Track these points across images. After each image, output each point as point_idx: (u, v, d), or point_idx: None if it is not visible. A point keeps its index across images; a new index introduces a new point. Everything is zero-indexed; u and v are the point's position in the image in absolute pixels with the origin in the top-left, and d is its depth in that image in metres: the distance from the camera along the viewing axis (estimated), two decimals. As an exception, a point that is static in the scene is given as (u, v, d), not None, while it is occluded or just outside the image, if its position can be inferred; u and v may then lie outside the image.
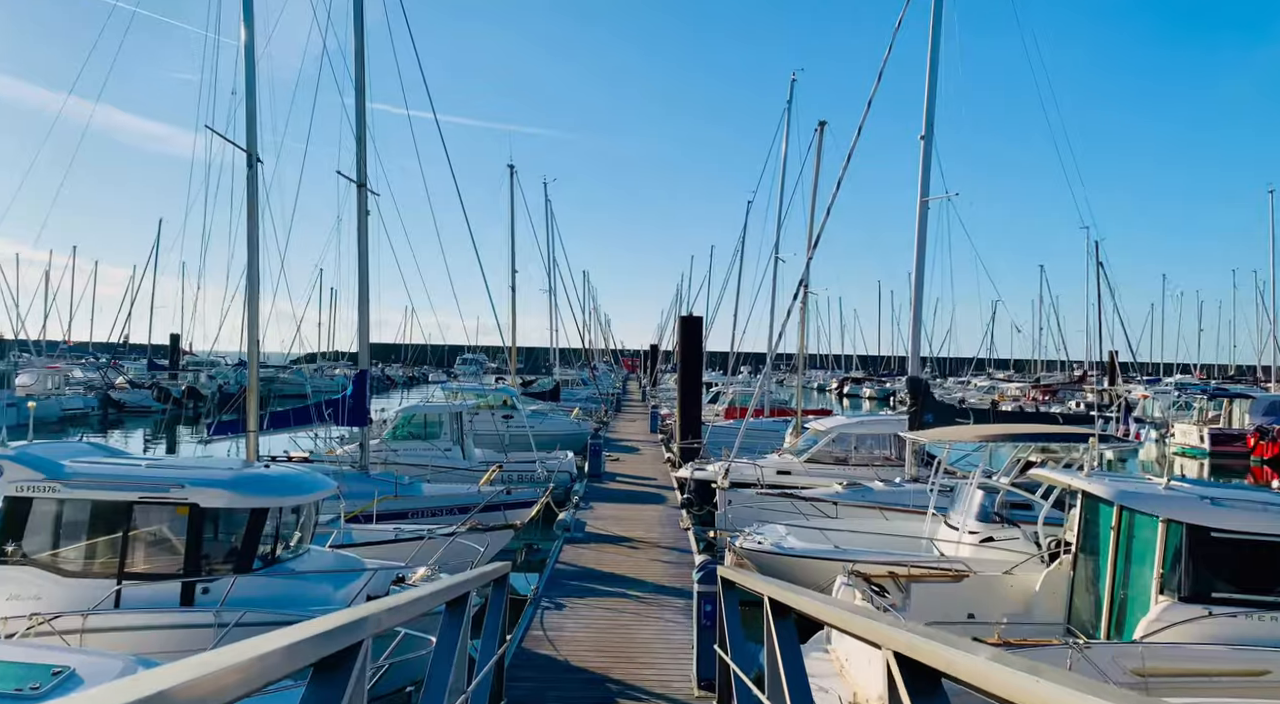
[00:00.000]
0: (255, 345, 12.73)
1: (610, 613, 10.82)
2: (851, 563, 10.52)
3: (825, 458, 18.94)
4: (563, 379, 53.02)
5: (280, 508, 9.02)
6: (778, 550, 11.89)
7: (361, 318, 16.53)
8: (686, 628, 10.10)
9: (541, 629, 10.08)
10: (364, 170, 16.22)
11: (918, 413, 15.90)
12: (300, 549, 9.64)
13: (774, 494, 15.59)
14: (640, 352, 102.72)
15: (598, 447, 24.50)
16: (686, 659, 8.99)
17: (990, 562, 11.13)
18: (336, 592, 8.97)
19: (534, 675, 8.58)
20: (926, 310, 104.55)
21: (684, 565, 13.42)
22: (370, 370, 17.67)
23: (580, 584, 12.22)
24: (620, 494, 20.52)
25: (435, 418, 22.81)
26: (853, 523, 13.33)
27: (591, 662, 9.02)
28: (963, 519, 12.09)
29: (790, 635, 4.06)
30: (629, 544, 14.99)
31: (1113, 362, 61.41)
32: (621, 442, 32.57)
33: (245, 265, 12.61)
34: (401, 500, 15.61)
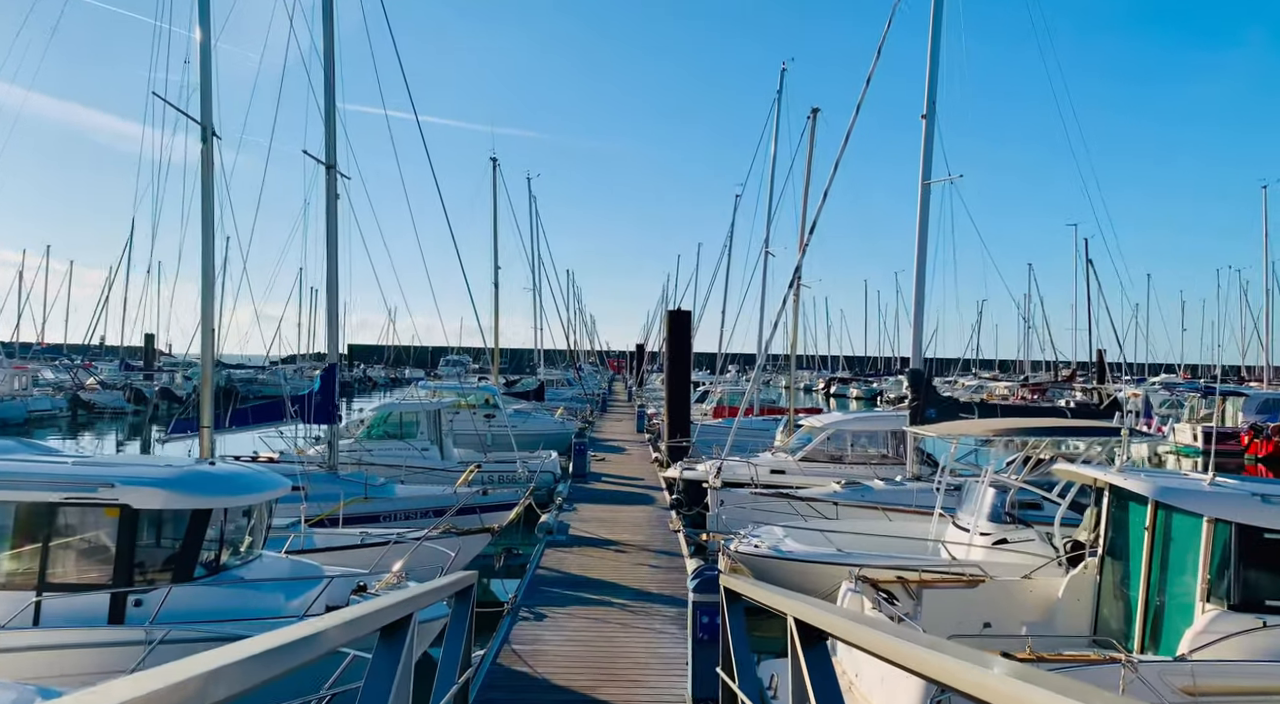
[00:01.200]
0: (210, 335, 11.75)
1: (595, 623, 9.90)
2: (858, 567, 9.66)
3: (820, 456, 18.10)
4: (547, 379, 52.01)
5: (225, 509, 8.06)
6: (776, 554, 11.01)
7: (330, 308, 15.56)
8: (679, 640, 9.19)
9: (519, 642, 9.15)
10: (333, 151, 15.25)
11: (919, 407, 15.07)
12: (251, 555, 8.68)
13: (769, 494, 14.73)
14: (626, 353, 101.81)
15: (583, 446, 23.58)
16: (680, 675, 8.08)
17: (1007, 565, 10.30)
18: (289, 602, 8.02)
19: (509, 698, 7.66)
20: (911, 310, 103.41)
21: (674, 570, 12.52)
22: (340, 367, 16.70)
23: (563, 591, 11.29)
24: (606, 495, 19.60)
25: (412, 417, 21.82)
26: (854, 524, 12.47)
27: (574, 679, 8.10)
28: (973, 520, 11.25)
29: (825, 667, 3.18)
30: (615, 547, 14.08)
31: (1101, 360, 61.04)
32: (607, 441, 31.65)
33: (201, 249, 11.62)
34: (372, 503, 14.64)
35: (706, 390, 39.59)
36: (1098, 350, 61.71)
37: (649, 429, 34.17)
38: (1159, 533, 8.23)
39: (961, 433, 11.38)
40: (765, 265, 30.70)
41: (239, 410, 15.38)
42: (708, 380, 46.30)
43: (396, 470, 17.80)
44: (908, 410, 15.50)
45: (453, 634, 4.79)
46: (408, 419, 21.91)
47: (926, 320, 14.64)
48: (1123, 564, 8.86)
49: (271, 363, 59.74)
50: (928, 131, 15.16)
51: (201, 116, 10.95)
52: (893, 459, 17.92)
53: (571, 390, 49.93)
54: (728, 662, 5.13)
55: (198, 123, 10.88)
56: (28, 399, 45.01)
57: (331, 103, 14.87)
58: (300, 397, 15.47)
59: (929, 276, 15.90)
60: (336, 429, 16.00)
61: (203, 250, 11.48)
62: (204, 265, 11.59)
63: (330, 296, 15.57)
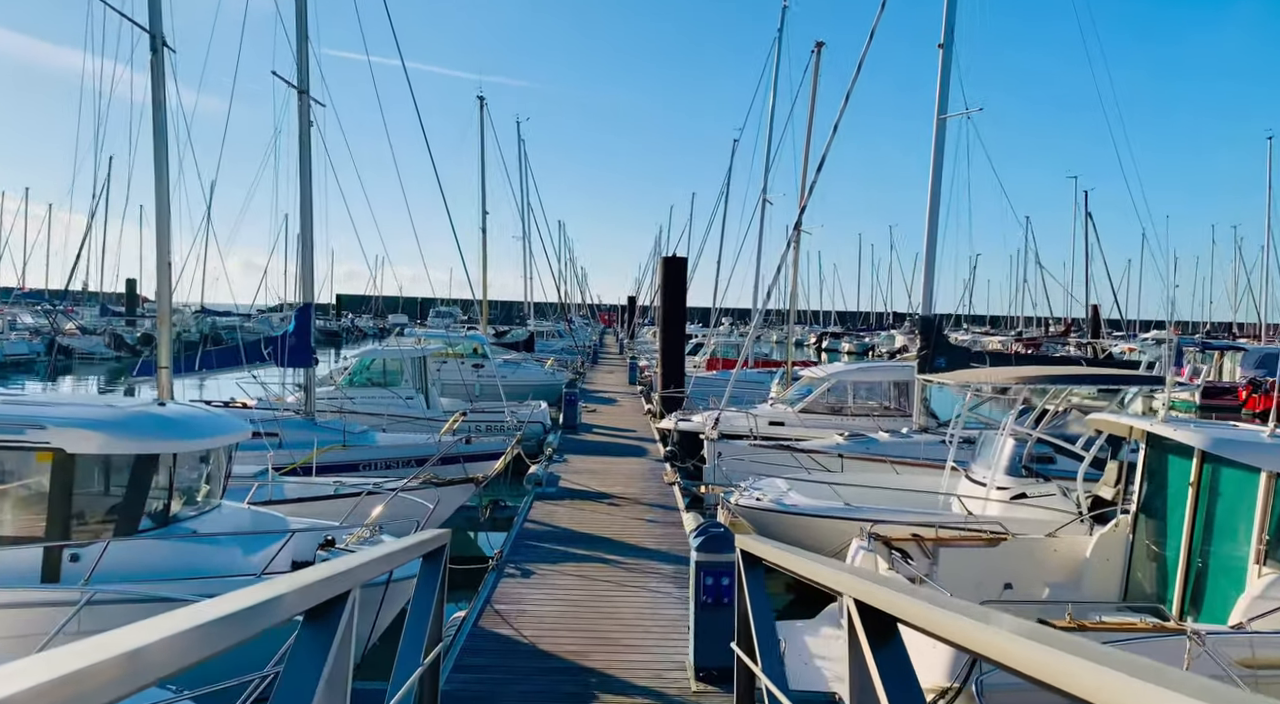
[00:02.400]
0: (166, 269, 10.79)
1: (586, 581, 9.18)
2: (870, 523, 8.94)
3: (820, 408, 17.36)
4: (537, 331, 51.11)
5: (174, 454, 7.22)
6: (780, 508, 10.29)
7: (305, 243, 14.57)
8: (678, 601, 8.49)
9: (504, 601, 8.42)
10: (306, 75, 14.13)
11: (929, 356, 14.29)
12: (207, 505, 7.87)
13: (769, 446, 13.99)
14: (617, 307, 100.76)
15: (573, 397, 22.81)
16: (680, 640, 7.38)
17: (1028, 522, 9.61)
18: (248, 557, 7.23)
19: (491, 663, 6.93)
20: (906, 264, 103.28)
21: (671, 524, 11.81)
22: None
23: (552, 547, 10.57)
24: (598, 446, 18.88)
25: (396, 364, 20.95)
26: (860, 477, 11.75)
27: (563, 643, 7.38)
28: (990, 473, 10.54)
29: (904, 669, 2.38)
30: (608, 500, 13.36)
31: (1095, 316, 60.47)
32: (599, 393, 30.92)
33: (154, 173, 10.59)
34: (350, 451, 13.84)
35: (699, 343, 38.80)
36: (1092, 306, 61.13)
37: (641, 381, 33.46)
38: (1205, 488, 7.51)
39: (983, 380, 10.61)
40: (763, 214, 29.69)
41: (207, 353, 14.47)
42: (700, 333, 45.51)
43: (379, 419, 17.01)
44: (916, 359, 14.72)
45: (419, 603, 4.00)
46: (391, 367, 21.08)
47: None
48: (1160, 522, 8.16)
49: (259, 311, 58.50)
50: (945, 61, 14.12)
51: (150, 23, 9.85)
52: (895, 411, 17.21)
53: (562, 342, 49.05)
54: (745, 636, 4.37)
55: (145, 30, 9.79)
56: (3, 343, 43.94)
57: (303, 19, 13.71)
58: (274, 339, 14.56)
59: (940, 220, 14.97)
60: (313, 373, 15.12)
61: (155, 174, 10.46)
62: (157, 192, 10.59)
63: (304, 232, 14.57)
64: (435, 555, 4.18)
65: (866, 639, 2.45)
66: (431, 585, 4.10)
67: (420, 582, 4.10)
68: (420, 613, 3.95)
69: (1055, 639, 1.54)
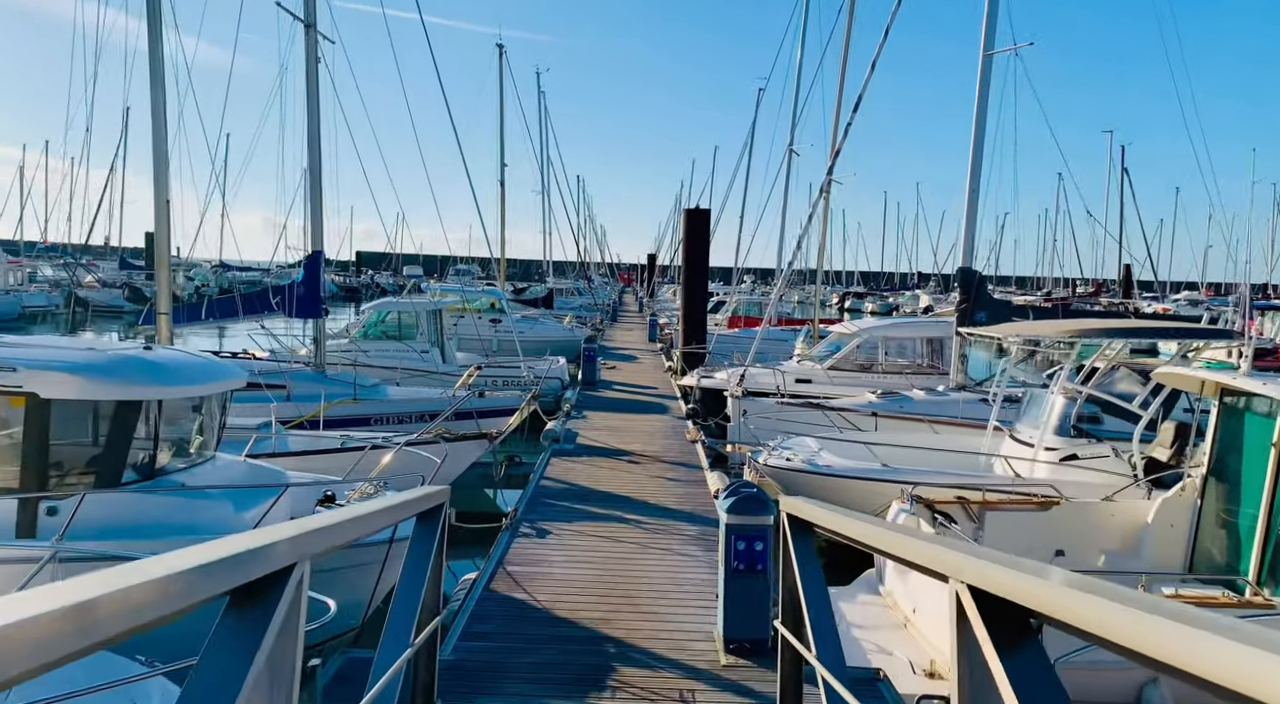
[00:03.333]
0: (164, 207, 10.17)
1: (605, 542, 8.61)
2: (911, 485, 8.30)
3: (849, 365, 16.64)
4: (556, 288, 50.41)
5: (160, 401, 6.66)
6: (813, 469, 9.65)
7: (313, 185, 13.91)
8: (704, 565, 7.91)
9: (518, 563, 7.87)
10: (312, 6, 13.36)
11: (968, 310, 13.50)
12: (199, 458, 7.33)
13: (797, 404, 13.33)
14: (637, 265, 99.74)
15: (592, 352, 22.20)
16: (706, 607, 6.80)
17: (1080, 485, 8.92)
18: (240, 513, 6.70)
19: (501, 630, 6.38)
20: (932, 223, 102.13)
21: (693, 483, 11.22)
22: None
23: (569, 505, 10.01)
24: (617, 403, 18.28)
25: (411, 317, 20.41)
26: (896, 437, 11.07)
27: (580, 609, 6.82)
28: (1039, 433, 9.84)
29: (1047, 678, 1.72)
30: (628, 458, 12.78)
31: (1128, 275, 58.90)
32: (618, 350, 30.31)
33: (151, 109, 9.94)
34: (361, 404, 13.33)
35: (721, 300, 38.03)
36: (1125, 265, 59.50)
37: (661, 338, 32.83)
38: (1291, 452, 6.78)
39: (1036, 334, 9.85)
40: (789, 166, 28.73)
41: (214, 301, 13.93)
42: (722, 291, 44.68)
43: (392, 372, 16.50)
44: (954, 313, 13.94)
45: (410, 571, 3.39)
46: (406, 320, 20.54)
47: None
48: (1234, 486, 7.45)
49: (279, 266, 58.20)
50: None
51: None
52: (929, 369, 16.47)
53: (581, 299, 48.36)
54: (793, 612, 3.74)
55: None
56: (22, 294, 43.91)
57: (308, -53, 12.89)
58: (283, 288, 13.99)
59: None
60: (323, 324, 14.57)
61: (152, 110, 9.81)
62: (155, 128, 9.94)
63: (312, 174, 13.90)
64: (431, 515, 3.57)
65: (991, 640, 1.79)
66: (426, 550, 3.49)
67: (413, 546, 3.49)
68: (412, 583, 3.34)
69: None
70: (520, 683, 5.56)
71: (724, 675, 5.77)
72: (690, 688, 5.58)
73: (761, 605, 6.08)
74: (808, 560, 3.61)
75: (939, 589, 2.04)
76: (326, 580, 5.76)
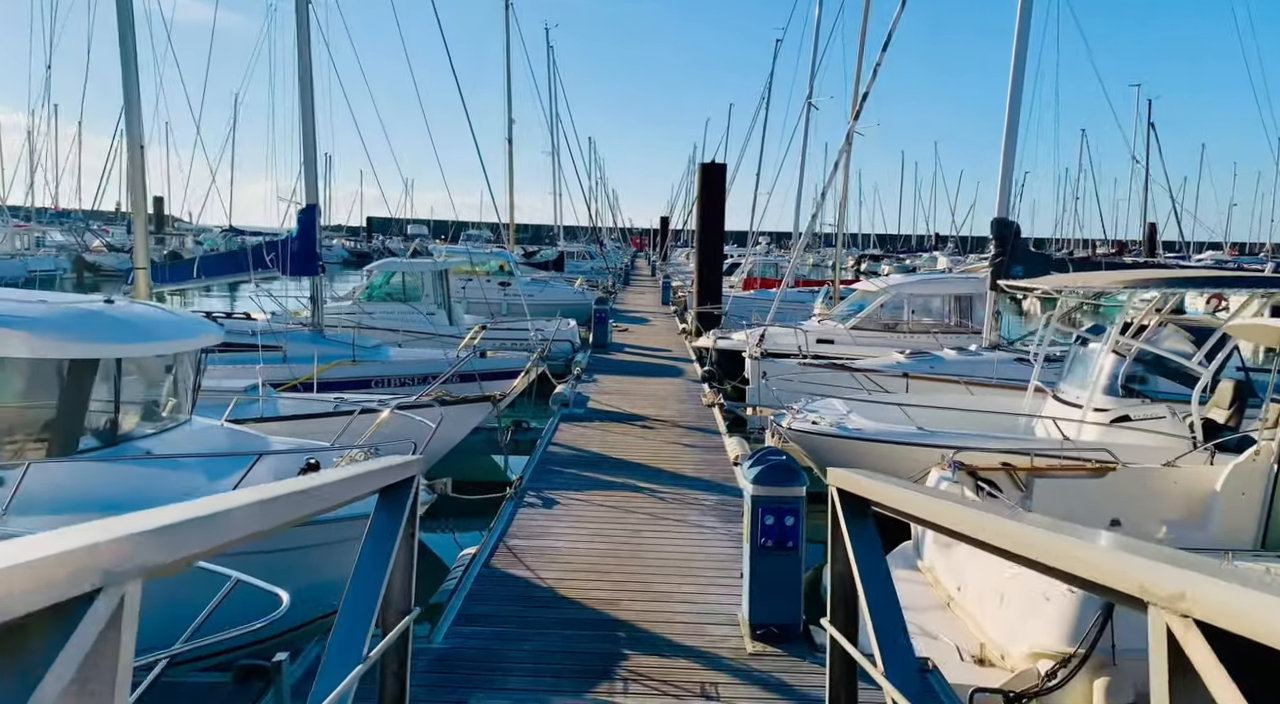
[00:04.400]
0: (139, 152, 9.43)
1: (616, 514, 7.94)
2: (952, 450, 7.56)
3: (873, 324, 15.84)
4: (567, 251, 49.51)
5: (118, 359, 5.98)
6: (843, 433, 8.92)
7: (306, 136, 13.12)
8: (726, 538, 7.23)
9: (522, 536, 7.21)
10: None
11: (1003, 263, 12.67)
12: (170, 422, 6.68)
13: (821, 365, 12.57)
14: (649, 230, 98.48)
15: (603, 314, 21.48)
16: (729, 588, 6.13)
17: (1134, 449, 8.16)
18: (212, 482, 6.05)
19: (500, 613, 5.72)
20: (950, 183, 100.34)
21: (711, 449, 10.53)
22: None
23: (578, 473, 9.35)
24: (630, 366, 17.59)
25: (416, 279, 19.74)
26: (929, 399, 10.32)
27: (588, 589, 6.15)
28: (1087, 393, 9.06)
29: None
30: (641, 423, 12.09)
31: (1152, 234, 57.38)
32: (630, 313, 29.57)
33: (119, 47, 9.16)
34: (360, 366, 12.68)
35: (735, 262, 37.12)
36: (1149, 224, 57.93)
37: (675, 301, 32.06)
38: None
39: (1085, 286, 9.04)
40: (808, 119, 27.67)
41: (205, 259, 13.26)
42: (737, 252, 43.71)
43: (394, 334, 15.84)
44: (988, 268, 13.09)
45: (369, 561, 2.69)
46: (411, 281, 19.86)
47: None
48: (1317, 452, 6.69)
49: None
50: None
51: None
52: (957, 328, 15.66)
53: (592, 263, 47.50)
54: (846, 608, 3.04)
55: None
56: (29, 258, 43.46)
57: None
58: (276, 244, 13.28)
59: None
60: (320, 282, 13.87)
61: (121, 48, 9.03)
62: (125, 71, 9.17)
63: (305, 123, 13.11)
64: (397, 491, 2.86)
65: (1210, 671, 1.06)
66: (389, 534, 2.79)
67: (373, 530, 2.79)
68: (368, 577, 2.64)
69: None
70: (521, 675, 4.91)
71: (750, 665, 5.11)
72: (713, 680, 4.92)
73: (792, 587, 5.40)
74: (867, 547, 2.88)
75: (985, 565, 1.36)
76: (294, 559, 5.12)
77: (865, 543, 2.92)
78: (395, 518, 2.89)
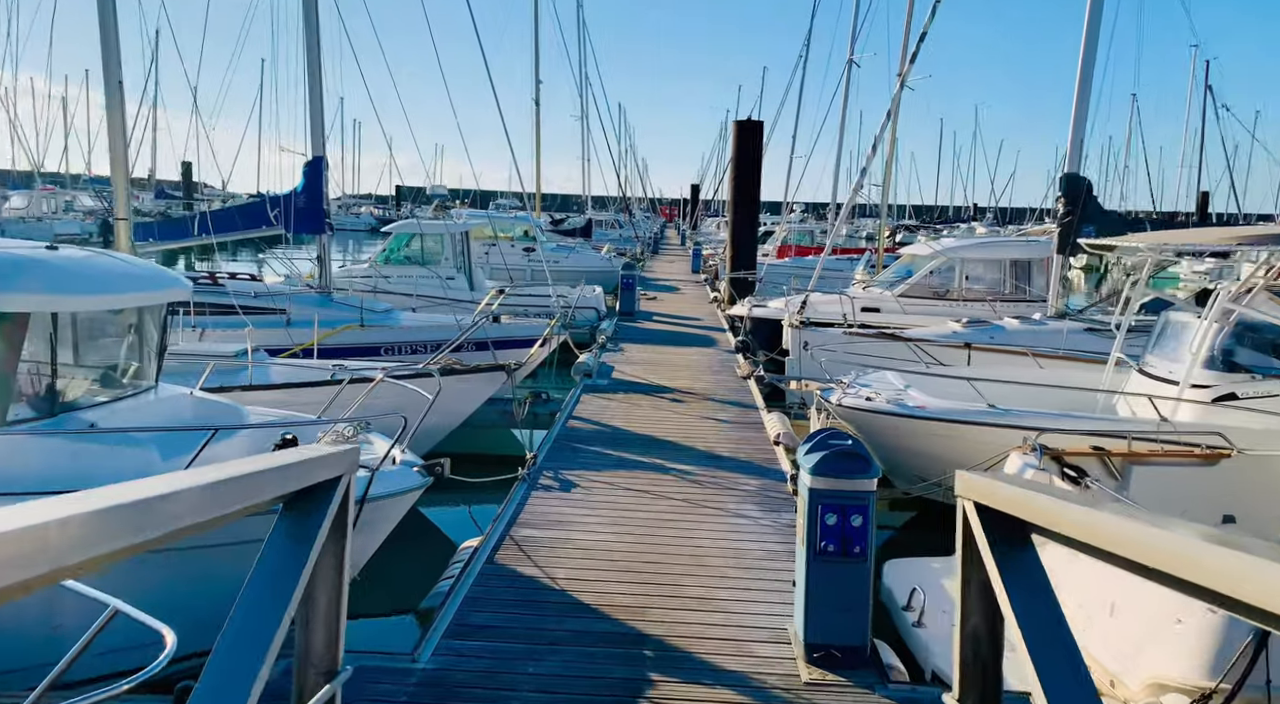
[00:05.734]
0: (117, 88, 8.46)
1: (642, 499, 6.96)
2: (1034, 432, 6.48)
3: (922, 291, 14.65)
4: (596, 220, 48.36)
5: (53, 314, 5.06)
6: (904, 411, 7.83)
7: (312, 81, 12.13)
8: (769, 530, 6.24)
9: (532, 526, 6.25)
10: None
11: (1072, 224, 11.43)
12: (129, 389, 5.77)
13: (869, 335, 11.45)
14: (679, 200, 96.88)
15: (630, 281, 20.43)
16: (776, 595, 5.14)
17: (1243, 432, 7.00)
18: (170, 460, 5.12)
19: (502, 625, 4.77)
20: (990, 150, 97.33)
21: (748, 426, 9.51)
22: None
23: (600, 450, 8.37)
24: (658, 335, 16.57)
25: (435, 242, 18.82)
26: (993, 372, 9.18)
27: (609, 594, 5.19)
28: (1183, 367, 7.90)
29: None
30: (670, 395, 11.09)
31: (1204, 205, 54.94)
32: (659, 281, 28.50)
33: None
34: (368, 332, 11.78)
35: (768, 230, 35.80)
36: (1201, 193, 55.43)
37: (705, 269, 30.90)
38: None
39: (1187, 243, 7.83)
40: (848, 78, 26.18)
41: (205, 215, 12.38)
42: (769, 221, 42.31)
43: (409, 299, 14.94)
44: (1057, 227, 11.85)
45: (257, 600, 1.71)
46: (430, 244, 18.94)
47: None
48: None
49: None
50: None
51: None
52: (1014, 296, 14.42)
53: (621, 231, 46.31)
54: (984, 677, 2.01)
55: None
56: (56, 222, 43.26)
57: None
58: (280, 199, 12.35)
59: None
60: (326, 240, 12.95)
61: None
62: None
63: (311, 68, 12.11)
64: (306, 501, 1.87)
65: None
66: (292, 564, 1.81)
67: (265, 559, 1.81)
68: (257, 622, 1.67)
69: None
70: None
71: (806, 697, 4.12)
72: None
73: (858, 601, 4.39)
74: (1030, 593, 1.86)
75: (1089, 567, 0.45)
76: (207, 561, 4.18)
77: (1026, 585, 1.89)
78: (305, 540, 1.90)
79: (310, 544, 1.91)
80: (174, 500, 1.29)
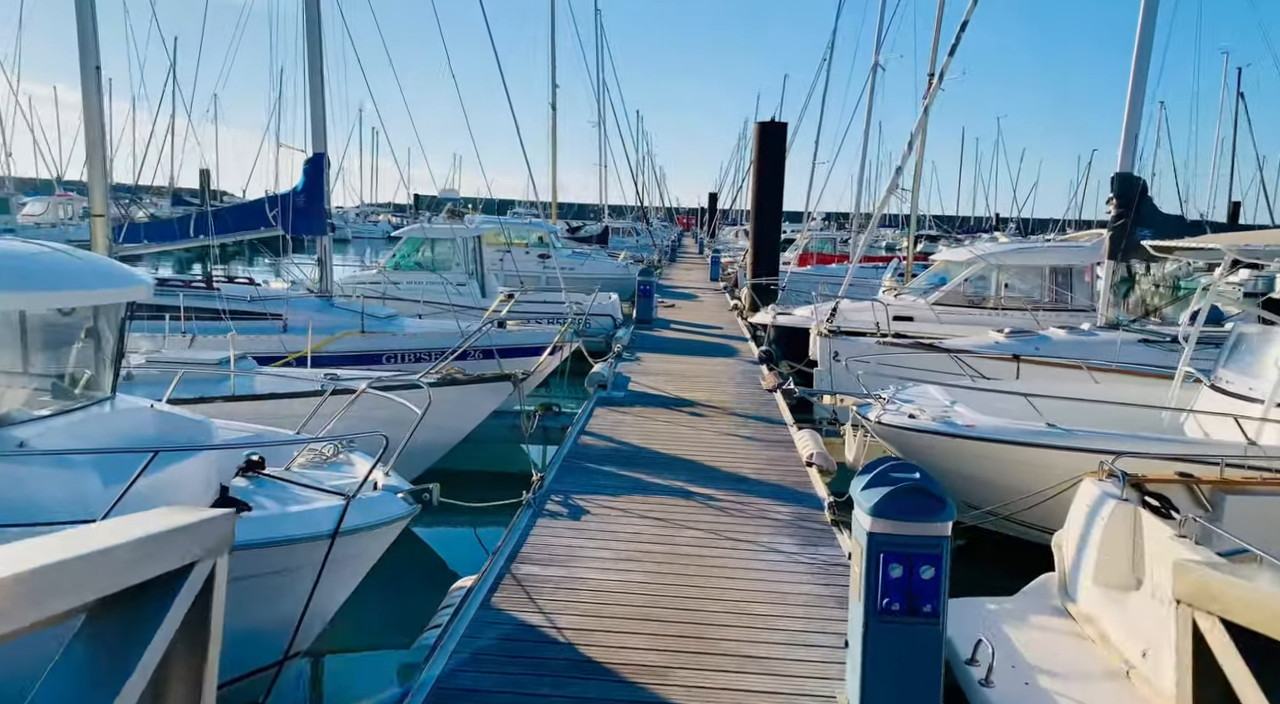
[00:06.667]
0: (94, 73, 7.82)
1: (660, 528, 6.17)
2: (1111, 456, 5.65)
3: (958, 299, 13.81)
4: (613, 227, 47.72)
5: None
6: (952, 430, 7.01)
7: (313, 74, 11.48)
8: (808, 568, 5.43)
9: (535, 562, 5.47)
10: None
11: (1124, 226, 10.59)
12: (78, 401, 5.05)
13: (905, 345, 10.64)
14: (697, 209, 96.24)
15: (648, 288, 19.68)
16: (822, 651, 4.34)
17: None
18: (112, 486, 4.37)
19: (500, 687, 3.99)
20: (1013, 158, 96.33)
21: (777, 444, 8.71)
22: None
23: (613, 471, 7.59)
24: (677, 344, 15.79)
25: (447, 247, 18.26)
26: (1046, 388, 8.34)
27: (624, 648, 4.40)
28: (1268, 384, 7.04)
29: None
30: (690, 409, 10.30)
31: (1235, 214, 53.64)
32: (678, 289, 27.73)
33: None
34: (369, 339, 11.08)
35: (789, 238, 35.04)
36: (1233, 203, 54.14)
37: (724, 277, 30.14)
38: None
39: (1261, 242, 7.01)
40: (874, 82, 25.38)
41: (201, 215, 11.74)
42: (790, 229, 41.48)
43: (415, 305, 14.27)
44: (1108, 230, 11.00)
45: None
46: (441, 249, 18.37)
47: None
48: None
49: (337, 208, 56.61)
50: None
51: None
52: (1054, 305, 13.56)
53: (638, 239, 45.65)
54: None
55: None
56: (71, 228, 43.13)
57: None
58: (278, 198, 11.69)
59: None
60: (327, 242, 12.28)
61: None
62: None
63: (312, 60, 11.46)
64: (139, 602, 1.13)
65: None
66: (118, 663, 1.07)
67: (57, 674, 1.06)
68: None
69: None
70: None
71: (865, 791, 3.31)
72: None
73: (929, 668, 3.59)
74: None
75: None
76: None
77: None
78: (123, 661, 1.14)
79: (128, 668, 1.15)
80: None
